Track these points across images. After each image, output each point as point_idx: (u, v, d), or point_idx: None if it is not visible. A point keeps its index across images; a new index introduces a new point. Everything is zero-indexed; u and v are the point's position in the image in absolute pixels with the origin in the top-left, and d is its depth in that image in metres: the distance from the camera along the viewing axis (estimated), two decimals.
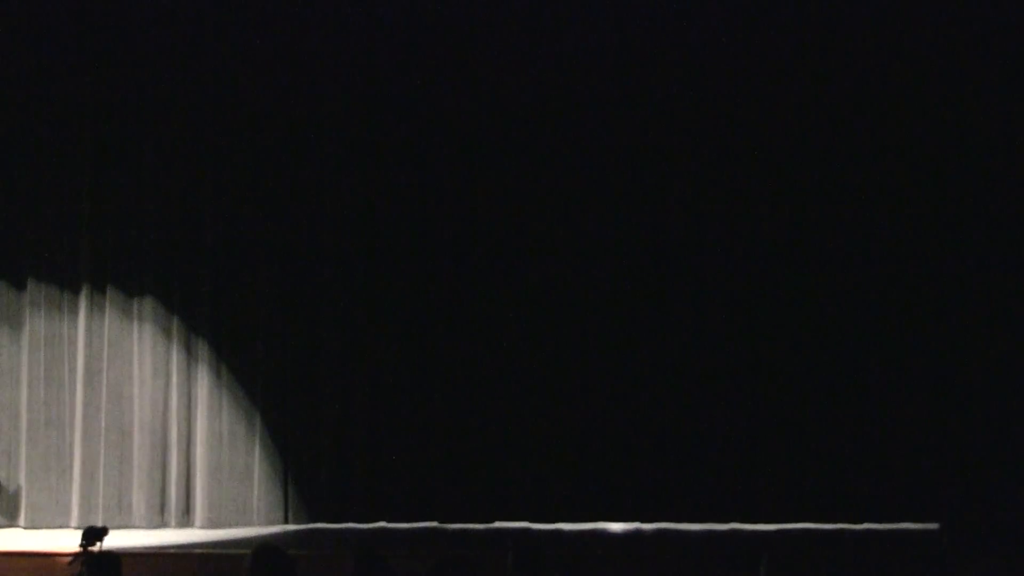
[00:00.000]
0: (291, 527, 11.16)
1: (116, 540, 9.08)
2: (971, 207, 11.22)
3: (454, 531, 11.00)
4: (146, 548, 9.96)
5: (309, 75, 11.49)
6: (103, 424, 11.20)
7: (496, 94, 11.47)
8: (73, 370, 11.27)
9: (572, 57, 11.46)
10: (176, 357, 11.31)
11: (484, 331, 11.37)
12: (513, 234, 11.43)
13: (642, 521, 11.13)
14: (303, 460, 11.34)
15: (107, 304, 11.32)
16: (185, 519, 11.19)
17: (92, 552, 6.49)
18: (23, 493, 11.14)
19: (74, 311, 11.31)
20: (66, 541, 9.82)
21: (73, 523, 10.96)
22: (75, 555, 6.56)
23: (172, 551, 9.97)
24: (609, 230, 11.42)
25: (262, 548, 5.87)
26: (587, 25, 11.44)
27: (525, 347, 11.35)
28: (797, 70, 11.37)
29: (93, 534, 6.64)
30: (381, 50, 11.50)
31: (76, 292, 11.32)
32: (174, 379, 11.29)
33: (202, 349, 11.33)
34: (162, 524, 11.16)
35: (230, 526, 11.10)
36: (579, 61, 11.46)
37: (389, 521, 11.23)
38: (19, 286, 11.36)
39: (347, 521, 11.18)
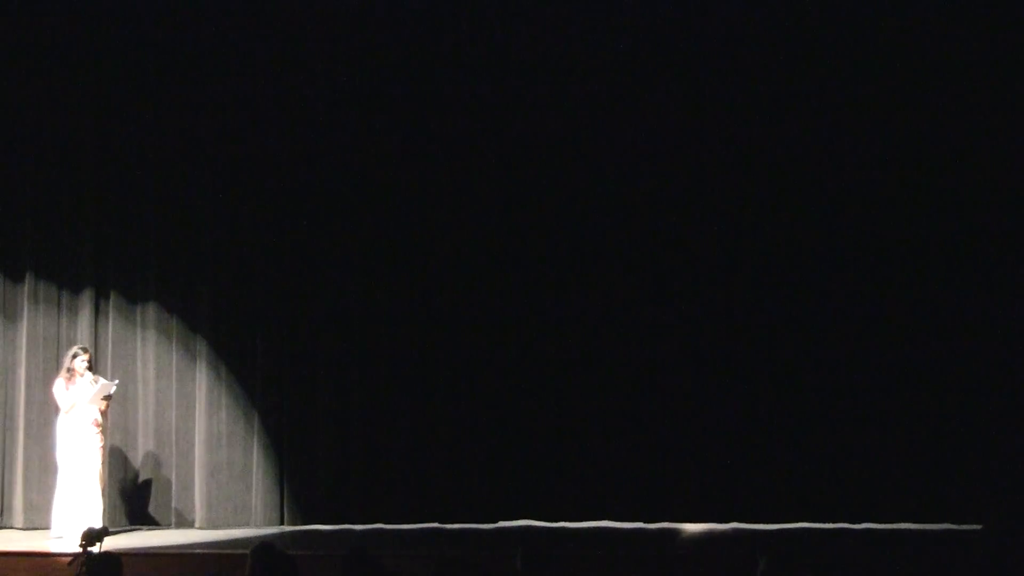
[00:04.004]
0: (289, 528, 11.15)
1: (116, 540, 9.13)
2: (972, 207, 11.23)
3: (454, 531, 10.99)
4: (146, 548, 9.95)
5: (309, 75, 11.49)
6: (107, 424, 11.20)
7: (496, 94, 11.47)
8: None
9: (571, 57, 11.46)
10: (176, 359, 11.31)
11: (484, 330, 11.36)
12: (512, 234, 11.43)
13: (643, 521, 11.13)
14: (301, 460, 11.33)
15: (110, 307, 11.32)
16: (184, 519, 11.18)
17: (92, 553, 6.50)
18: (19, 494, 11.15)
19: (75, 312, 11.30)
20: (66, 541, 9.86)
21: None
22: (75, 555, 6.57)
23: (172, 551, 9.96)
24: (608, 230, 11.42)
25: (261, 547, 5.87)
26: (587, 25, 11.45)
27: (525, 346, 11.35)
28: (797, 70, 11.38)
29: (93, 535, 6.64)
30: (381, 50, 11.50)
31: (78, 293, 11.31)
32: (174, 381, 11.29)
33: (201, 351, 11.33)
34: (162, 524, 11.15)
35: (228, 527, 11.09)
36: (579, 61, 11.47)
37: (388, 522, 11.21)
38: (18, 286, 11.35)
39: (345, 522, 11.17)
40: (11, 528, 11.07)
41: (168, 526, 11.16)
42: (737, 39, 11.41)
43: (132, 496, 11.23)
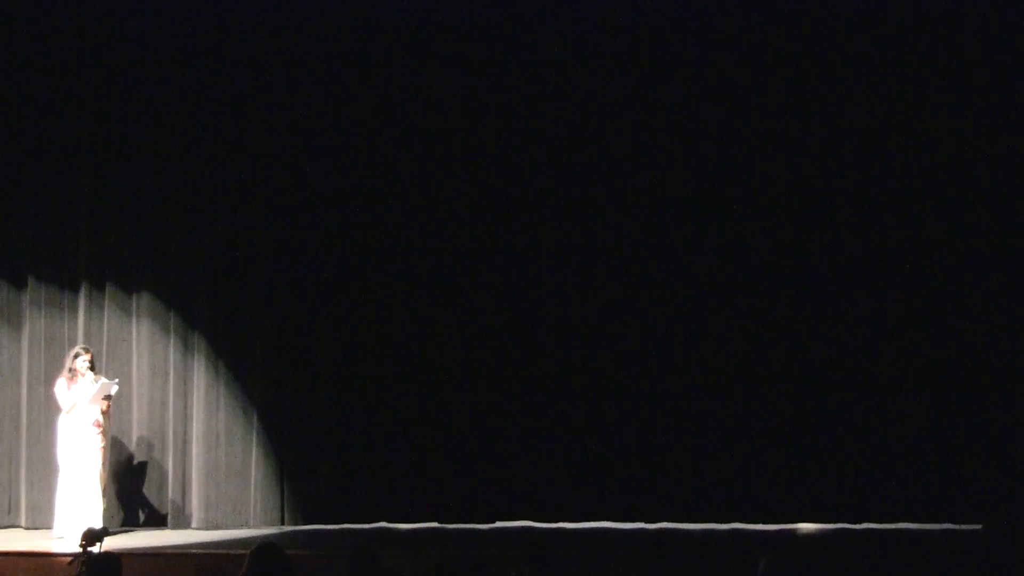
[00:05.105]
0: (289, 528, 11.14)
1: (116, 540, 9.13)
2: (972, 207, 11.23)
3: (454, 531, 10.99)
4: (146, 548, 9.95)
5: (309, 75, 11.48)
6: (108, 424, 11.18)
7: (495, 94, 11.47)
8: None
9: (572, 57, 11.46)
10: (173, 357, 11.29)
11: (484, 330, 11.35)
12: (512, 234, 11.42)
13: (643, 521, 11.14)
14: (301, 460, 11.31)
15: (106, 304, 11.31)
16: (181, 520, 11.17)
17: (92, 553, 6.50)
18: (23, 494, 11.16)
19: (74, 311, 11.30)
20: (67, 541, 9.86)
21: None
22: (75, 555, 6.57)
23: (171, 551, 9.96)
24: (608, 230, 11.41)
25: (262, 546, 5.88)
26: (587, 25, 11.45)
27: (526, 346, 11.34)
28: (797, 70, 11.38)
29: (93, 535, 6.65)
30: (381, 50, 11.50)
31: (76, 291, 11.31)
32: (171, 379, 11.28)
33: (200, 348, 11.32)
34: (161, 524, 11.14)
35: (227, 527, 11.08)
36: (579, 61, 11.47)
37: (389, 521, 11.22)
38: (19, 286, 11.36)
39: (346, 521, 11.16)
40: (17, 527, 11.09)
41: (167, 526, 11.14)
42: (738, 39, 11.41)
43: (132, 496, 11.22)
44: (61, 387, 10.44)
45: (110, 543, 7.22)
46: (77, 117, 11.40)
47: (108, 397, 10.51)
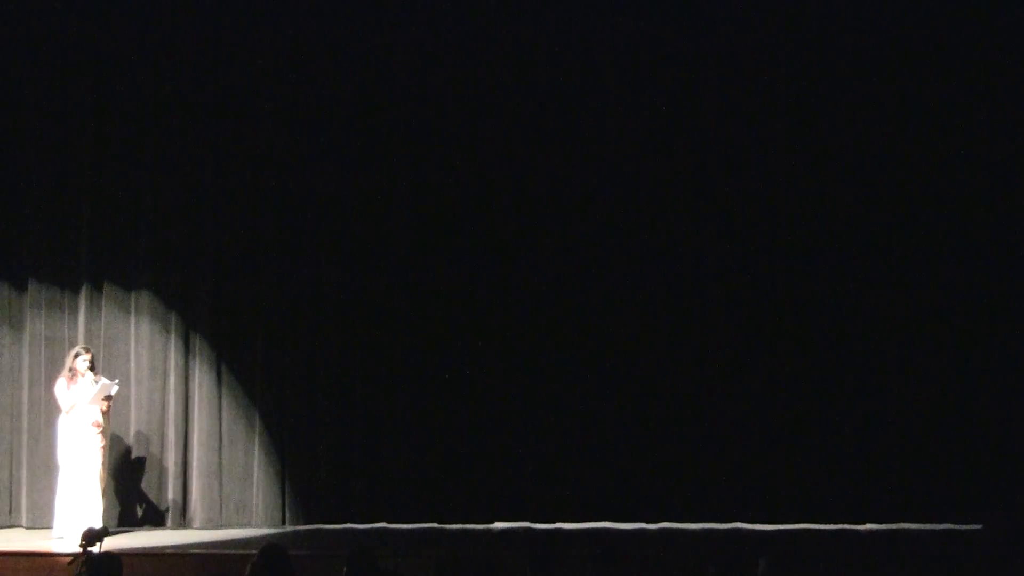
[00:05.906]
0: (290, 528, 11.15)
1: (116, 540, 9.14)
2: (972, 207, 11.23)
3: (454, 531, 11.00)
4: (146, 548, 9.96)
5: (309, 75, 11.49)
6: (108, 424, 11.18)
7: (497, 94, 11.47)
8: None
9: (572, 57, 11.47)
10: (174, 357, 11.30)
11: (484, 331, 11.36)
12: (512, 235, 11.43)
13: (643, 521, 11.14)
14: (302, 460, 11.33)
15: (105, 304, 11.31)
16: (182, 520, 11.18)
17: (92, 553, 6.51)
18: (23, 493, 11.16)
19: (74, 311, 11.30)
20: (67, 541, 9.86)
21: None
22: (75, 555, 6.58)
23: (172, 551, 9.96)
24: (608, 231, 11.42)
25: (268, 548, 5.90)
26: (588, 25, 11.45)
27: (525, 347, 11.34)
28: (797, 70, 11.38)
29: (93, 535, 6.65)
30: (381, 50, 11.50)
31: (76, 292, 11.31)
32: (171, 379, 11.29)
33: (200, 348, 11.33)
34: (162, 524, 11.14)
35: (229, 527, 11.09)
36: (579, 62, 11.47)
37: (389, 521, 11.23)
38: (20, 287, 11.36)
39: (346, 522, 11.18)
40: (17, 527, 11.10)
41: (168, 526, 11.15)
42: (739, 39, 11.41)
43: (132, 496, 11.23)
44: (61, 387, 10.45)
45: (110, 543, 7.23)
46: (77, 117, 11.41)
47: (108, 397, 10.51)
